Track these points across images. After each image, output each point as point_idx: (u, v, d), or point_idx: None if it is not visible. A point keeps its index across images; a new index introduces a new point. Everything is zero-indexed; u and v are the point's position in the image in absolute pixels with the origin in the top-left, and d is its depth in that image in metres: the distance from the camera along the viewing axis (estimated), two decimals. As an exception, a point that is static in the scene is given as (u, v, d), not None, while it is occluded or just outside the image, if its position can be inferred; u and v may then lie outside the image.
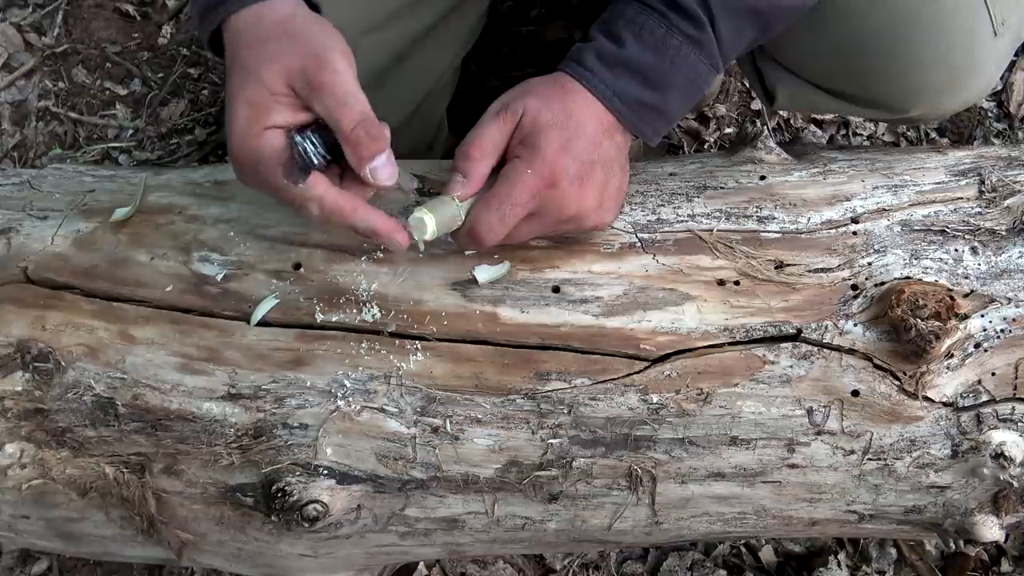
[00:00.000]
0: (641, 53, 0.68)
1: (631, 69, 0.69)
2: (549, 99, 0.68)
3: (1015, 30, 0.81)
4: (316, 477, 0.73)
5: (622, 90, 0.69)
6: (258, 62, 0.61)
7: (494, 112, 0.69)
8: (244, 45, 0.63)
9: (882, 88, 0.82)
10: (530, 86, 0.70)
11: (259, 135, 0.61)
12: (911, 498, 0.77)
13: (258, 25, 0.64)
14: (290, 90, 0.61)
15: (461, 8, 0.95)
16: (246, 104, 0.61)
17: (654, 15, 0.68)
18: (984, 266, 0.76)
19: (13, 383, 0.74)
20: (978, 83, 0.82)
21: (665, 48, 0.68)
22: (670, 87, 0.70)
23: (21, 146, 1.44)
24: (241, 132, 0.61)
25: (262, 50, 0.62)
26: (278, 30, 0.63)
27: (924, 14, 0.77)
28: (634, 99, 0.69)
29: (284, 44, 0.62)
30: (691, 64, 0.70)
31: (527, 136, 0.67)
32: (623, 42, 0.69)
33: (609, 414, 0.73)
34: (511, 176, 0.67)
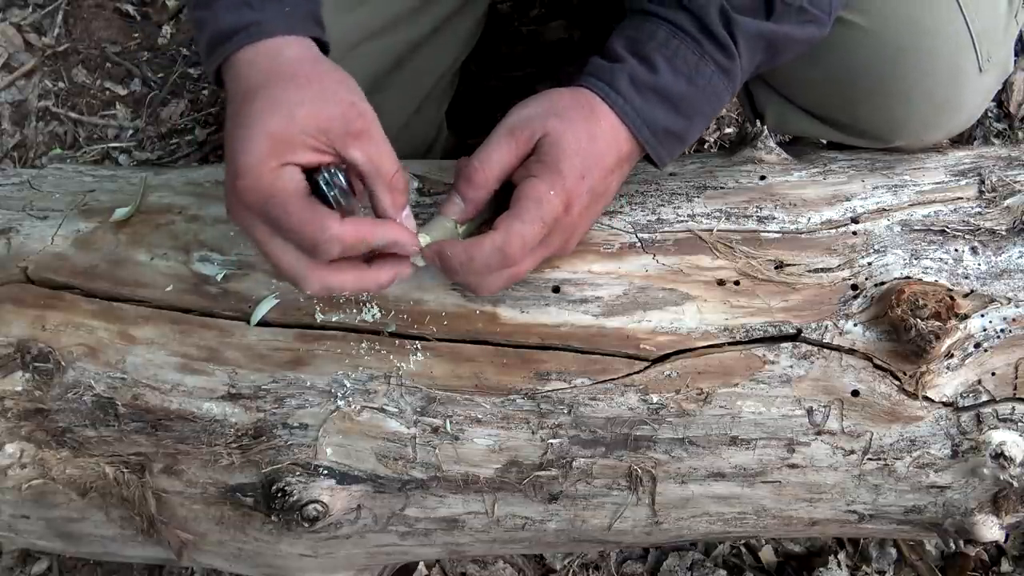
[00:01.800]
0: (675, 81, 0.67)
1: (663, 96, 0.68)
2: (574, 123, 0.66)
3: (1001, 66, 0.83)
4: (316, 477, 0.73)
5: (651, 118, 0.68)
6: (290, 100, 0.59)
7: (507, 131, 0.66)
8: (268, 79, 0.60)
9: (869, 118, 0.83)
10: (555, 105, 0.67)
11: (276, 170, 0.58)
12: (911, 498, 0.77)
13: (278, 58, 0.62)
14: (321, 134, 0.60)
15: (461, 13, 0.95)
16: (267, 137, 0.58)
17: (688, 40, 0.67)
18: (984, 266, 0.76)
19: (13, 383, 0.74)
20: (962, 117, 0.83)
21: (698, 76, 0.68)
22: (696, 115, 0.70)
23: (21, 146, 1.44)
24: (256, 164, 0.58)
25: (293, 88, 0.60)
26: (308, 71, 0.61)
27: (913, 49, 0.77)
28: (662, 128, 0.68)
29: (316, 88, 0.60)
30: (718, 93, 0.69)
31: (548, 158, 0.65)
32: (656, 67, 0.67)
33: (609, 414, 0.73)
34: (534, 195, 0.64)
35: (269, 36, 0.62)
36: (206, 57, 0.64)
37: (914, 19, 0.77)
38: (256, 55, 0.62)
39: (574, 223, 0.68)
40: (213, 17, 0.62)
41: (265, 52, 0.62)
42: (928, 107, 0.80)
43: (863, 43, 0.78)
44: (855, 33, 0.77)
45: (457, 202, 0.66)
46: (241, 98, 0.61)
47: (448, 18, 0.93)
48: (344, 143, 0.60)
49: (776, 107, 0.90)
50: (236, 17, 0.62)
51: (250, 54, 0.62)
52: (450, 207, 0.67)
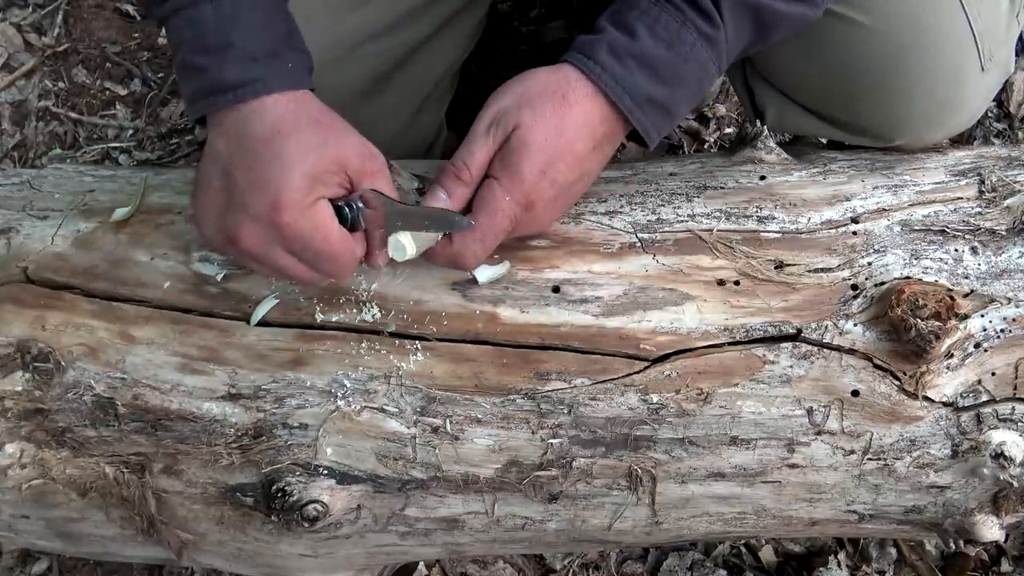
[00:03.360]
0: (655, 47, 0.67)
1: (643, 63, 0.67)
2: (544, 114, 0.67)
3: (1002, 65, 0.82)
4: (316, 477, 0.73)
5: (632, 85, 0.68)
6: (318, 143, 0.64)
7: (485, 128, 0.68)
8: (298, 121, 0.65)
9: (870, 117, 0.83)
10: (528, 92, 0.69)
11: (314, 204, 0.64)
12: (911, 498, 0.77)
13: (303, 107, 0.66)
14: (342, 171, 0.66)
15: (462, 15, 0.95)
16: (304, 176, 0.63)
17: (669, 8, 0.67)
18: (984, 266, 0.76)
19: (13, 383, 0.74)
20: (963, 117, 0.83)
21: (680, 43, 0.67)
22: (680, 84, 0.69)
23: (21, 146, 1.44)
24: (299, 199, 0.63)
25: (319, 132, 0.65)
26: (327, 119, 0.67)
27: (915, 48, 0.77)
28: (644, 95, 0.68)
29: (336, 132, 0.66)
30: (702, 62, 0.69)
31: (510, 157, 0.67)
32: (636, 34, 0.67)
33: (609, 414, 0.73)
34: (491, 204, 0.68)
35: (273, 91, 0.65)
36: (197, 100, 0.66)
37: (916, 17, 0.77)
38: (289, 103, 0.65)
39: (537, 216, 0.70)
40: (217, 67, 0.64)
41: (296, 99, 0.66)
42: (929, 106, 0.80)
43: (865, 40, 0.78)
44: (857, 30, 0.77)
45: (443, 198, 0.69)
46: (265, 138, 0.64)
47: (450, 19, 0.93)
48: (360, 179, 0.67)
49: (776, 105, 0.90)
50: (241, 71, 0.64)
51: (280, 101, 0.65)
52: (435, 202, 0.69)
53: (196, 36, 0.64)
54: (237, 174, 0.64)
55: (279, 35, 0.67)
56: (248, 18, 0.64)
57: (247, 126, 0.64)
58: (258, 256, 0.66)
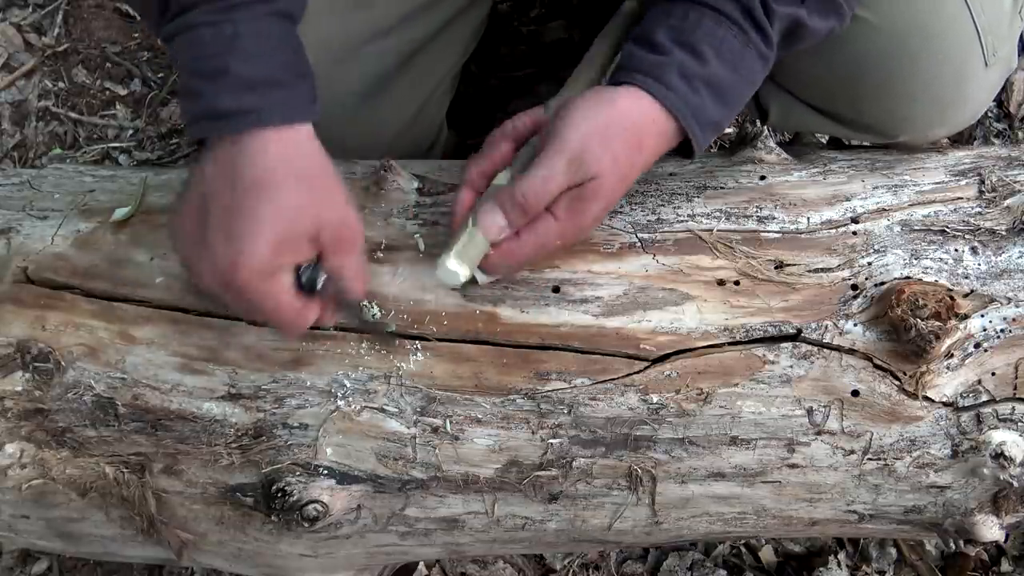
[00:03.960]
0: (723, 70, 0.67)
1: (712, 87, 0.67)
2: (619, 161, 0.66)
3: (1006, 61, 0.83)
4: (316, 477, 0.73)
5: (701, 110, 0.67)
6: (297, 205, 0.62)
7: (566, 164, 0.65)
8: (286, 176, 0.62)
9: (874, 114, 0.83)
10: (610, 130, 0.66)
11: (275, 272, 0.63)
12: (911, 498, 0.77)
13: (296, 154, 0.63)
14: (314, 239, 0.64)
15: (463, 16, 0.95)
16: (273, 240, 0.61)
17: (734, 28, 0.67)
18: (984, 266, 0.76)
19: (13, 383, 0.74)
20: (967, 113, 0.84)
21: (742, 64, 0.67)
22: (738, 103, 0.70)
23: (21, 146, 1.44)
24: (260, 264, 0.61)
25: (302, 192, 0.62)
26: (316, 173, 0.64)
27: (919, 45, 0.77)
28: (709, 120, 0.68)
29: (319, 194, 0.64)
30: (755, 81, 0.69)
31: (579, 204, 0.67)
32: (705, 58, 0.66)
33: (609, 414, 0.73)
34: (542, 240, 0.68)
35: (266, 126, 0.61)
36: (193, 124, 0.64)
37: (921, 14, 0.77)
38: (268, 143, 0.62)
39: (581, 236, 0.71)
40: (213, 93, 0.61)
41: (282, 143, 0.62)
42: (934, 102, 0.80)
43: (870, 37, 0.78)
44: (861, 27, 0.77)
45: (501, 225, 0.67)
46: (247, 187, 0.61)
47: (452, 20, 0.93)
48: (331, 250, 0.65)
49: (781, 102, 0.90)
50: (237, 100, 0.61)
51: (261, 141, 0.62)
52: (492, 228, 0.67)
53: (194, 59, 0.62)
54: (213, 208, 0.62)
55: (281, 62, 0.63)
56: (248, 44, 0.61)
57: (235, 165, 0.62)
58: (211, 294, 0.65)
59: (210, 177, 0.63)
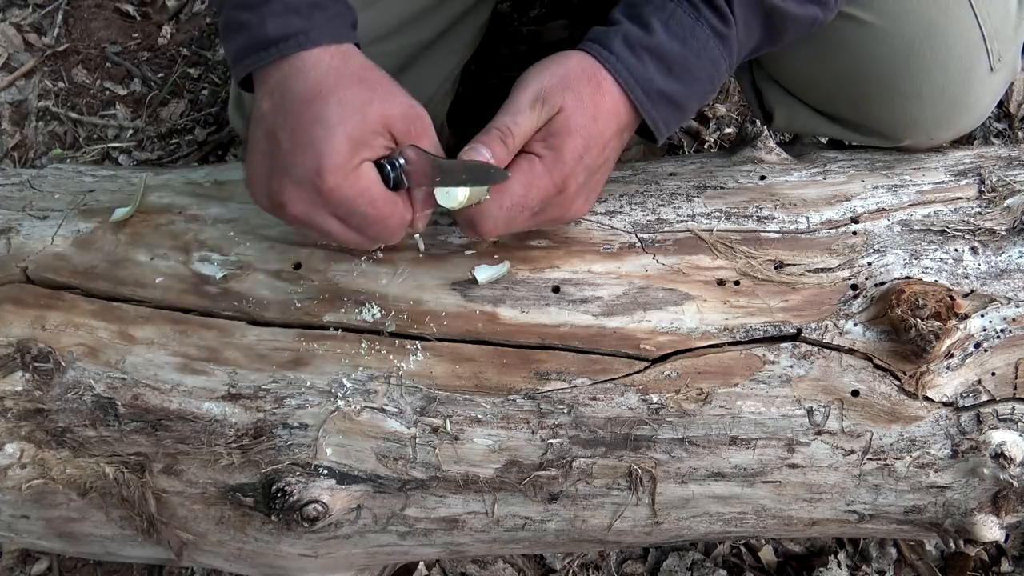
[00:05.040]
0: (669, 41, 0.68)
1: (657, 56, 0.68)
2: (583, 99, 0.67)
3: (1011, 65, 0.82)
4: (316, 477, 0.73)
5: (645, 78, 0.68)
6: (362, 101, 0.64)
7: (532, 100, 0.67)
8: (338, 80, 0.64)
9: (879, 117, 0.83)
10: (569, 75, 0.68)
11: (357, 168, 0.64)
12: (911, 498, 0.77)
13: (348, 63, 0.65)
14: (387, 131, 0.65)
15: (466, 18, 0.95)
16: (347, 139, 0.62)
17: (684, 4, 0.68)
18: (984, 266, 0.76)
19: (13, 383, 0.74)
20: (972, 117, 0.83)
21: (693, 39, 0.68)
22: (692, 80, 0.69)
23: (21, 146, 1.44)
24: (342, 164, 0.62)
25: (363, 90, 0.64)
26: (372, 75, 0.66)
27: (925, 49, 0.77)
28: (656, 89, 0.68)
29: (381, 91, 0.65)
30: (714, 59, 0.69)
31: (554, 139, 0.67)
32: (651, 28, 0.68)
33: (609, 414, 0.73)
34: (529, 179, 0.67)
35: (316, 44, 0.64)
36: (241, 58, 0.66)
37: (927, 17, 0.77)
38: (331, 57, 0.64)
39: (569, 200, 0.69)
40: (259, 21, 0.64)
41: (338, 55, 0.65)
42: (939, 106, 0.80)
43: (875, 41, 0.78)
44: (867, 31, 0.77)
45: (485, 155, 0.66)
46: (307, 99, 0.63)
47: (455, 22, 0.94)
48: (405, 140, 0.66)
49: (785, 106, 0.90)
50: (283, 24, 0.63)
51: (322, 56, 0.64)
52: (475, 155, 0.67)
53: None
54: (280, 136, 0.63)
55: None
56: None
57: (289, 84, 0.64)
58: (305, 221, 0.65)
59: (267, 110, 0.65)
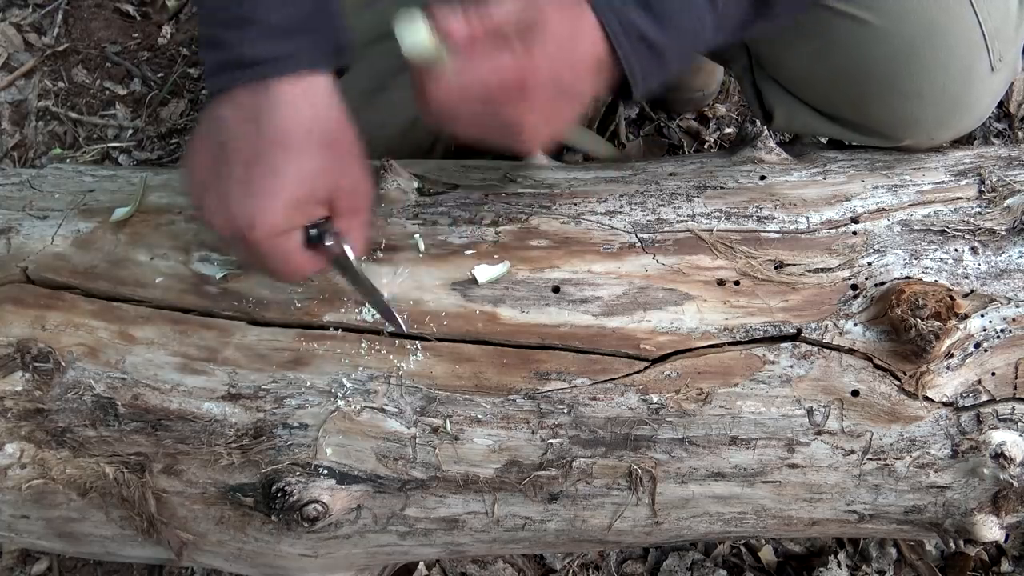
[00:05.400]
0: None
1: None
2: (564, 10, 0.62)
3: (1011, 65, 0.82)
4: (316, 477, 0.73)
5: (623, 15, 0.64)
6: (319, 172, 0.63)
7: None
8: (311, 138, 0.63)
9: (879, 117, 0.83)
10: None
11: (288, 232, 0.64)
12: (911, 498, 0.77)
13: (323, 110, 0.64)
14: (327, 202, 0.65)
15: None
16: (290, 205, 0.62)
17: None
18: (984, 266, 0.76)
19: (13, 383, 0.74)
20: (972, 117, 0.83)
21: None
22: (674, 29, 0.65)
23: (21, 146, 1.44)
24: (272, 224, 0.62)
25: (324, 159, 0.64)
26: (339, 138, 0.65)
27: (925, 49, 0.77)
28: (636, 29, 0.64)
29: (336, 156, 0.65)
30: (700, 17, 0.65)
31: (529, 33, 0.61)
32: None
33: (609, 414, 0.73)
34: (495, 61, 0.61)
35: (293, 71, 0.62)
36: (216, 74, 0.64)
37: (927, 17, 0.76)
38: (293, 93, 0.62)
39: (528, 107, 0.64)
40: (237, 41, 0.62)
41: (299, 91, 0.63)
42: (939, 106, 0.80)
43: (875, 41, 0.78)
44: (867, 31, 0.77)
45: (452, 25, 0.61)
46: (272, 140, 0.62)
47: None
48: (342, 214, 0.67)
49: (785, 106, 0.90)
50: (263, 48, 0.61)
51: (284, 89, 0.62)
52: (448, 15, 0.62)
53: (218, 8, 0.62)
54: (232, 160, 0.62)
55: (307, 9, 0.63)
56: None
57: (259, 116, 0.62)
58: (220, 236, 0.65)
59: (231, 124, 0.63)
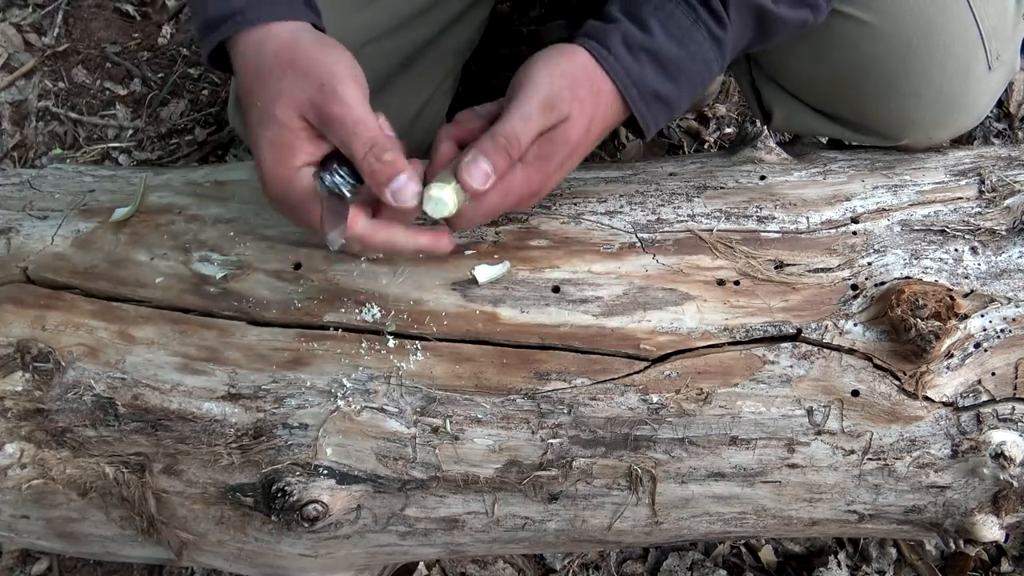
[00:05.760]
0: (667, 44, 0.67)
1: (654, 58, 0.67)
2: (584, 107, 0.66)
3: (1009, 64, 0.83)
4: (316, 477, 0.73)
5: (641, 80, 0.68)
6: (270, 99, 0.61)
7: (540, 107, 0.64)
8: (253, 77, 0.63)
9: (877, 117, 0.83)
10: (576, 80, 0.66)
11: (290, 179, 0.62)
12: (911, 498, 0.77)
13: (261, 53, 0.63)
14: (305, 123, 0.62)
15: (464, 17, 0.95)
16: (269, 147, 0.61)
17: (683, 6, 0.67)
18: (984, 266, 0.76)
19: (13, 383, 0.74)
20: (970, 116, 0.83)
21: (690, 41, 0.68)
22: (686, 81, 0.69)
23: (21, 146, 1.44)
24: (272, 176, 0.62)
25: (271, 85, 0.62)
26: (283, 59, 0.62)
27: (922, 48, 0.77)
28: (651, 90, 0.68)
29: (289, 78, 0.61)
30: (708, 62, 0.69)
31: (548, 145, 0.66)
32: (649, 29, 0.67)
33: (609, 414, 0.73)
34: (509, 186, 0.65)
35: (253, 24, 0.63)
36: (200, 45, 0.67)
37: (925, 17, 0.77)
38: (244, 47, 0.64)
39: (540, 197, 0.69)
40: (203, 5, 0.64)
41: (250, 44, 0.64)
42: (937, 105, 0.80)
43: (873, 40, 0.78)
44: (865, 30, 0.77)
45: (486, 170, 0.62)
46: (245, 98, 0.64)
47: (454, 21, 0.93)
48: (322, 130, 0.62)
49: (784, 106, 0.90)
50: (223, 5, 0.63)
51: (239, 46, 0.64)
52: (477, 175, 0.62)
53: None
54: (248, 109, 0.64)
55: None
56: None
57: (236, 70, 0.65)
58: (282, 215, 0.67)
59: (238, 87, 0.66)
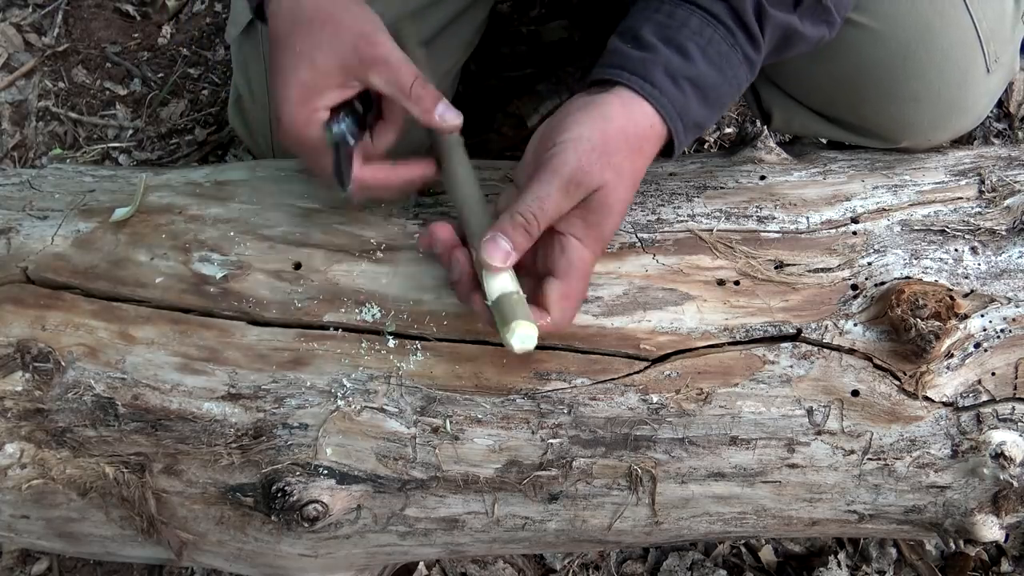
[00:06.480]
0: (708, 70, 0.66)
1: (696, 87, 0.66)
2: (623, 172, 0.64)
3: (1007, 66, 0.83)
4: (316, 477, 0.73)
5: (685, 110, 0.66)
6: (310, 46, 0.65)
7: (564, 184, 0.62)
8: (291, 24, 0.66)
9: (877, 120, 0.83)
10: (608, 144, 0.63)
11: (313, 120, 0.67)
12: (911, 498, 0.77)
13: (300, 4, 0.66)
14: (341, 72, 0.66)
15: (464, 17, 0.95)
16: (300, 86, 0.65)
17: (721, 30, 0.66)
18: (984, 266, 0.76)
19: (13, 383, 0.74)
20: (969, 118, 0.84)
21: (728, 66, 0.67)
22: (720, 106, 0.69)
23: (21, 146, 1.44)
24: (295, 116, 0.66)
25: (311, 33, 0.65)
26: (323, 12, 0.66)
27: (920, 52, 0.78)
28: (692, 120, 0.67)
29: (330, 28, 0.66)
30: (740, 83, 0.69)
31: (593, 217, 0.64)
32: (690, 56, 0.65)
33: (609, 414, 0.73)
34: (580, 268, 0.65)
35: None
36: None
37: (922, 20, 0.77)
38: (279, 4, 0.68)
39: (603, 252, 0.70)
40: None
41: None
42: (936, 108, 0.80)
43: (871, 44, 0.78)
44: (863, 34, 0.77)
45: (506, 248, 0.63)
46: (276, 44, 0.68)
47: (453, 20, 0.94)
48: (363, 75, 0.66)
49: (783, 107, 0.90)
50: None
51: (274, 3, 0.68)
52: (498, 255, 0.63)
53: None
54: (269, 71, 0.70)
55: None
56: None
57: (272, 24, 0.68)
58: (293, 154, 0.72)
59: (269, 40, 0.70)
